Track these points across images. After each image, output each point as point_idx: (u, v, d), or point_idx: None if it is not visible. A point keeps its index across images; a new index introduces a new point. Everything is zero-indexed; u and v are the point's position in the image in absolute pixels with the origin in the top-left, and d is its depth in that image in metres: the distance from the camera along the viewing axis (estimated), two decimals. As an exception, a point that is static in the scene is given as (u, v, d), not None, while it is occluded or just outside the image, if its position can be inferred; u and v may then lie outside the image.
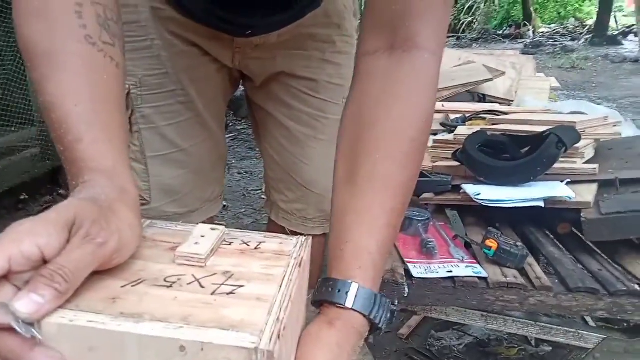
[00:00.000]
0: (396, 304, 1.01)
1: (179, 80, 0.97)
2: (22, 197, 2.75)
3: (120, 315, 0.39)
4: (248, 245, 0.53)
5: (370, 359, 0.95)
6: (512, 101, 2.58)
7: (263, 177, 1.20)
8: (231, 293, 0.44)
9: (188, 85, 0.98)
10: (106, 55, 0.56)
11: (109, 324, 0.38)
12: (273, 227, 1.19)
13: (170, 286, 0.44)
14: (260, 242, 0.54)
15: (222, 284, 0.45)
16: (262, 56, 1.01)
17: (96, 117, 0.53)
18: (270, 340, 0.38)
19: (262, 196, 3.13)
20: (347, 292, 0.55)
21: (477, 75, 2.68)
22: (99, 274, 0.44)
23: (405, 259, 1.07)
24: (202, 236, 0.51)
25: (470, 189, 1.21)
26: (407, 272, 1.04)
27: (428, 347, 1.72)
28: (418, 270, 1.02)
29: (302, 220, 1.14)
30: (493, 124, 1.71)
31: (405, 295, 1.00)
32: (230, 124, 4.52)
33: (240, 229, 0.58)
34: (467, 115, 2.08)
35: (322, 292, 0.57)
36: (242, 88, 1.17)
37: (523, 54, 4.18)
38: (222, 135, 1.13)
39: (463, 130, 1.58)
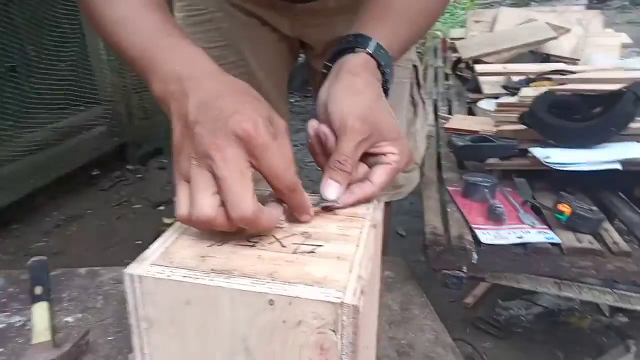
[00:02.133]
0: (464, 270, 1.02)
1: (240, 51, 0.98)
2: (94, 173, 2.91)
3: (211, 271, 0.41)
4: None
5: (440, 325, 0.96)
6: (579, 60, 2.44)
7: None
8: (311, 252, 0.45)
9: (249, 56, 0.99)
10: None
11: (202, 278, 0.40)
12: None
13: (254, 245, 0.46)
14: (333, 202, 0.55)
15: (302, 244, 0.47)
16: (322, 22, 0.99)
17: (171, 21, 0.57)
18: (355, 295, 0.39)
19: (319, 167, 3.16)
20: (369, 41, 0.60)
21: (540, 34, 2.54)
22: (187, 235, 0.47)
23: (473, 225, 1.06)
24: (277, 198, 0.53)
25: (539, 152, 1.17)
26: (475, 238, 1.02)
27: (495, 317, 1.70)
28: (487, 236, 1.01)
29: None
30: (560, 84, 1.63)
31: (474, 262, 0.99)
32: (283, 97, 4.54)
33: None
34: (531, 76, 1.99)
35: (344, 43, 0.61)
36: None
37: (588, 9, 3.92)
38: (285, 106, 1.13)
39: (528, 92, 1.52)
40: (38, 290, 0.79)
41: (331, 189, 0.51)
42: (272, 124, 0.47)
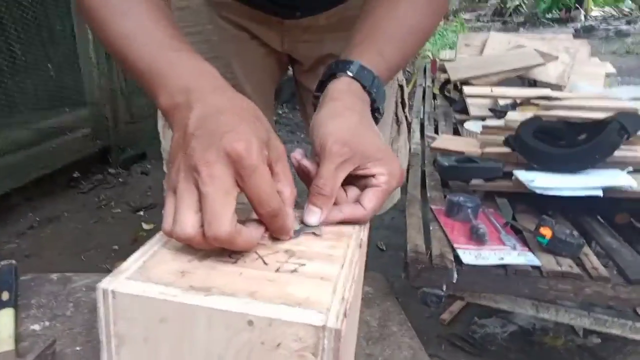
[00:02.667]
0: (444, 289, 1.01)
1: (229, 64, 0.98)
2: (74, 175, 2.86)
3: (190, 288, 0.40)
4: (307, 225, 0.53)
5: (417, 342, 0.95)
6: (565, 87, 2.48)
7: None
8: (294, 271, 0.44)
9: (237, 68, 0.99)
10: None
11: (179, 296, 0.38)
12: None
13: (235, 262, 0.44)
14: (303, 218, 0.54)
15: (285, 262, 0.45)
16: (310, 39, 1.00)
17: (179, 36, 0.57)
18: (337, 318, 0.38)
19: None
20: (350, 64, 0.61)
21: (528, 60, 2.59)
22: (166, 248, 0.45)
23: (455, 245, 1.05)
24: None
25: (523, 175, 1.18)
26: (457, 257, 1.02)
27: (470, 334, 1.70)
28: (468, 256, 1.01)
29: None
30: (546, 110, 1.65)
31: (454, 281, 0.99)
32: (272, 108, 4.55)
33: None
34: (518, 100, 2.02)
35: (327, 70, 0.62)
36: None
37: (575, 38, 4.01)
38: (271, 120, 1.13)
39: (515, 116, 1.54)
40: (4, 295, 0.75)
41: (311, 215, 0.51)
42: (270, 147, 0.46)
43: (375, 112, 0.62)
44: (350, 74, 0.60)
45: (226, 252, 0.46)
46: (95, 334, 0.71)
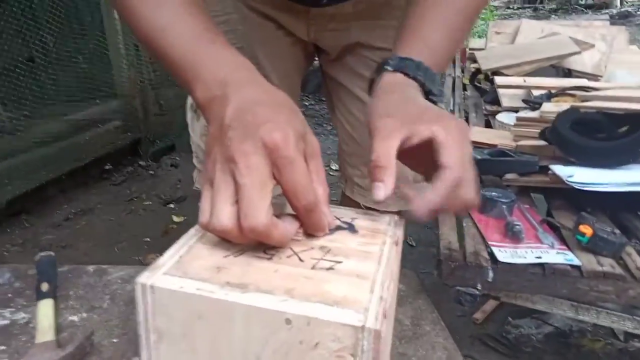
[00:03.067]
0: (479, 288, 0.99)
1: (254, 54, 0.97)
2: (106, 167, 2.92)
3: (226, 284, 0.39)
4: (347, 223, 0.52)
5: (452, 343, 0.93)
6: (601, 76, 2.40)
7: (337, 151, 1.19)
8: (330, 268, 0.43)
9: (263, 58, 0.98)
10: None
11: (216, 292, 0.38)
12: (347, 203, 1.18)
13: (270, 258, 0.44)
14: (353, 219, 0.54)
15: (321, 259, 0.45)
16: (337, 27, 0.98)
17: (212, 26, 0.58)
18: (376, 318, 0.37)
19: (330, 172, 3.14)
20: (389, 60, 0.61)
21: (563, 48, 2.51)
22: (202, 243, 0.45)
23: (489, 242, 1.03)
24: None
25: (560, 170, 1.14)
26: (492, 255, 0.99)
27: (504, 334, 1.66)
28: (504, 254, 0.98)
29: None
30: (583, 101, 1.59)
31: (489, 280, 0.97)
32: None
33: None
34: (553, 91, 1.95)
35: (372, 72, 0.64)
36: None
37: (611, 24, 3.88)
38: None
39: (550, 108, 1.49)
40: (44, 287, 0.77)
41: (377, 190, 0.49)
42: (305, 141, 0.46)
43: (429, 95, 0.61)
44: (390, 69, 0.61)
45: (261, 248, 0.45)
46: (131, 327, 0.73)
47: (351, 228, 0.51)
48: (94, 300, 0.80)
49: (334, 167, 3.29)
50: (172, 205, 2.69)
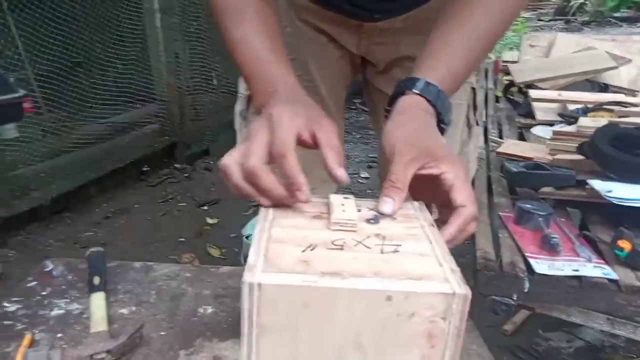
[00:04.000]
0: (514, 298, 1.01)
1: (306, 65, 1.01)
2: (144, 169, 3.01)
3: (322, 274, 0.43)
4: (377, 212, 0.58)
5: (486, 351, 0.95)
6: (638, 91, 2.37)
7: (366, 159, 1.21)
8: (396, 251, 0.48)
9: (314, 70, 1.02)
10: (270, 4, 0.73)
11: (320, 281, 0.42)
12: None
13: (342, 248, 0.49)
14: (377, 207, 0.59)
15: (383, 244, 0.50)
16: (386, 41, 1.02)
17: (275, 47, 0.70)
18: (460, 285, 0.43)
19: (360, 180, 3.17)
20: (417, 81, 0.67)
21: (599, 63, 2.49)
22: (273, 242, 0.49)
23: (526, 254, 1.04)
24: (343, 204, 0.56)
25: (599, 185, 1.15)
26: (528, 266, 1.01)
27: (534, 347, 1.66)
28: (541, 266, 1.00)
29: None
30: (621, 117, 1.59)
31: (526, 291, 0.98)
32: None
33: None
34: (589, 106, 1.95)
35: (396, 87, 0.69)
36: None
37: (649, 39, 3.81)
38: (342, 120, 1.16)
39: (587, 122, 1.50)
40: (96, 280, 0.81)
41: (386, 205, 0.56)
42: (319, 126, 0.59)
43: (441, 123, 0.67)
44: (416, 91, 0.66)
45: (327, 240, 0.50)
46: (178, 321, 0.77)
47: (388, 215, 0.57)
48: (141, 295, 0.84)
49: (363, 175, 3.32)
50: (205, 208, 2.76)
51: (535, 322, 1.74)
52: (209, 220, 2.61)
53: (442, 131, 0.67)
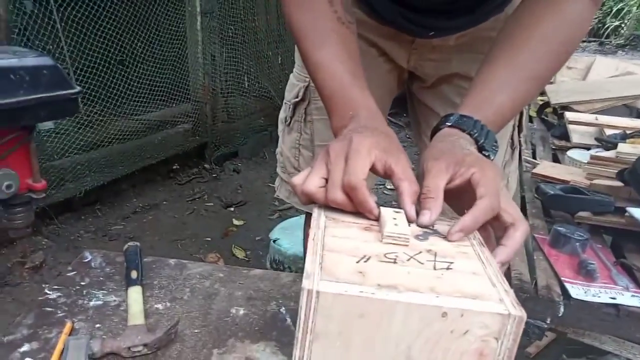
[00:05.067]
0: (548, 321, 0.99)
1: None
2: (174, 167, 3.06)
3: (379, 286, 0.44)
4: (428, 228, 0.58)
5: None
6: (678, 119, 2.32)
7: (417, 173, 1.22)
8: (449, 268, 0.49)
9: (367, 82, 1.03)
10: (351, 30, 0.75)
11: (377, 293, 0.43)
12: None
13: (395, 262, 0.49)
14: (434, 224, 0.59)
15: (435, 261, 0.50)
16: (438, 58, 1.02)
17: (356, 72, 0.71)
18: (515, 307, 0.43)
19: (385, 191, 3.16)
20: (450, 116, 0.68)
21: (638, 88, 2.45)
22: (327, 251, 0.50)
23: (562, 278, 1.03)
24: (394, 218, 0.56)
25: (639, 213, 1.12)
26: (564, 291, 1.00)
27: (557, 372, 1.63)
28: (577, 291, 0.98)
29: None
30: (662, 145, 1.56)
31: (560, 315, 0.97)
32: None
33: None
34: (628, 131, 1.92)
35: (435, 124, 0.70)
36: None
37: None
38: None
39: (627, 149, 1.48)
40: (134, 274, 0.82)
41: (424, 217, 0.57)
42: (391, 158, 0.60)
43: (482, 151, 0.66)
44: (449, 124, 0.68)
45: (380, 253, 0.50)
46: (211, 320, 0.78)
47: (438, 233, 0.57)
48: (175, 292, 0.85)
49: (389, 187, 3.31)
50: (232, 209, 2.79)
51: (559, 347, 1.70)
52: (235, 222, 2.63)
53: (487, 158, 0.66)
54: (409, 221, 0.56)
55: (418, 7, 0.91)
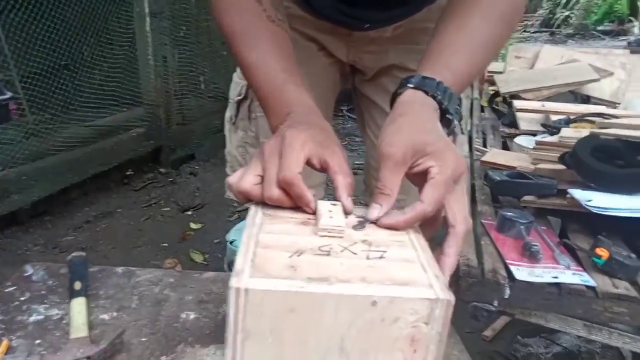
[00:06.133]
0: (495, 304, 1.02)
1: None
2: (127, 173, 2.99)
3: (309, 279, 0.44)
4: (363, 218, 0.59)
5: (466, 355, 0.96)
6: (619, 104, 2.42)
7: (360, 165, 1.23)
8: (382, 257, 0.50)
9: (304, 78, 1.03)
10: (282, 28, 0.75)
11: (306, 286, 0.43)
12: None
13: (328, 254, 0.49)
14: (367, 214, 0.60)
15: (369, 250, 0.51)
16: (375, 50, 1.03)
17: (290, 69, 0.71)
18: (443, 291, 0.44)
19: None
20: (412, 78, 0.67)
21: (582, 75, 2.54)
22: (261, 248, 0.50)
23: (507, 261, 1.06)
24: (330, 211, 0.56)
25: (579, 194, 1.16)
26: (509, 273, 1.02)
27: (513, 352, 1.68)
28: (521, 273, 1.01)
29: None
30: (602, 128, 1.62)
31: (506, 297, 0.99)
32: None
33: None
34: (571, 117, 1.98)
35: (395, 88, 0.69)
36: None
37: (632, 53, 3.89)
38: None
39: (569, 133, 1.52)
40: (77, 285, 0.80)
41: (374, 210, 0.58)
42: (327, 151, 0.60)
43: (447, 114, 0.66)
44: (411, 85, 0.67)
45: (314, 246, 0.50)
46: (160, 327, 0.77)
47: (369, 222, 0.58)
48: (123, 300, 0.83)
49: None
50: (189, 213, 2.75)
51: (514, 328, 1.76)
52: (193, 226, 2.60)
53: (448, 122, 0.66)
54: (346, 213, 0.57)
55: (352, 0, 0.91)
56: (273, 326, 0.43)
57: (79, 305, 0.77)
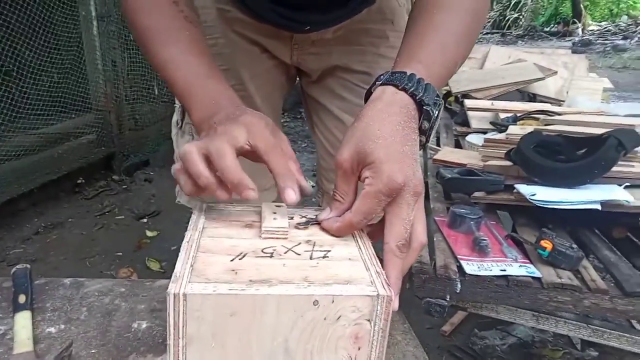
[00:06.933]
0: (448, 299, 1.04)
1: (239, 75, 1.02)
2: (79, 181, 2.89)
3: (250, 282, 0.44)
4: (308, 218, 0.60)
5: (422, 351, 0.98)
6: (563, 101, 2.52)
7: (312, 167, 1.24)
8: (325, 257, 0.50)
9: (247, 80, 1.03)
10: (199, 30, 0.74)
11: (247, 289, 0.43)
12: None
13: (271, 256, 0.49)
14: (317, 215, 0.60)
15: (313, 251, 0.51)
16: (318, 51, 1.04)
17: (212, 66, 0.70)
18: (384, 287, 0.45)
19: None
20: (382, 75, 0.64)
21: (528, 74, 2.63)
22: (202, 252, 0.49)
23: (458, 256, 1.08)
24: (274, 212, 0.57)
25: (524, 189, 1.21)
26: (460, 268, 1.05)
27: (471, 345, 1.73)
28: (471, 267, 1.04)
29: None
30: (546, 125, 1.69)
31: (458, 291, 1.02)
32: (273, 117, 4.58)
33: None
34: (519, 114, 2.06)
35: (368, 88, 0.67)
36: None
37: (573, 52, 4.07)
38: (279, 128, 1.17)
39: (515, 130, 1.57)
40: (21, 299, 0.77)
41: (325, 213, 0.59)
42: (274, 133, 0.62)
43: (423, 106, 0.62)
44: (379, 82, 0.64)
45: (257, 249, 0.50)
46: (110, 338, 0.75)
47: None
48: (71, 312, 0.81)
49: (310, 183, 3.33)
50: (145, 220, 2.68)
51: (471, 323, 1.81)
52: (149, 233, 2.54)
53: (427, 113, 0.62)
54: (304, 195, 0.56)
55: (290, 3, 0.92)
56: (215, 330, 0.43)
57: (23, 320, 0.74)
